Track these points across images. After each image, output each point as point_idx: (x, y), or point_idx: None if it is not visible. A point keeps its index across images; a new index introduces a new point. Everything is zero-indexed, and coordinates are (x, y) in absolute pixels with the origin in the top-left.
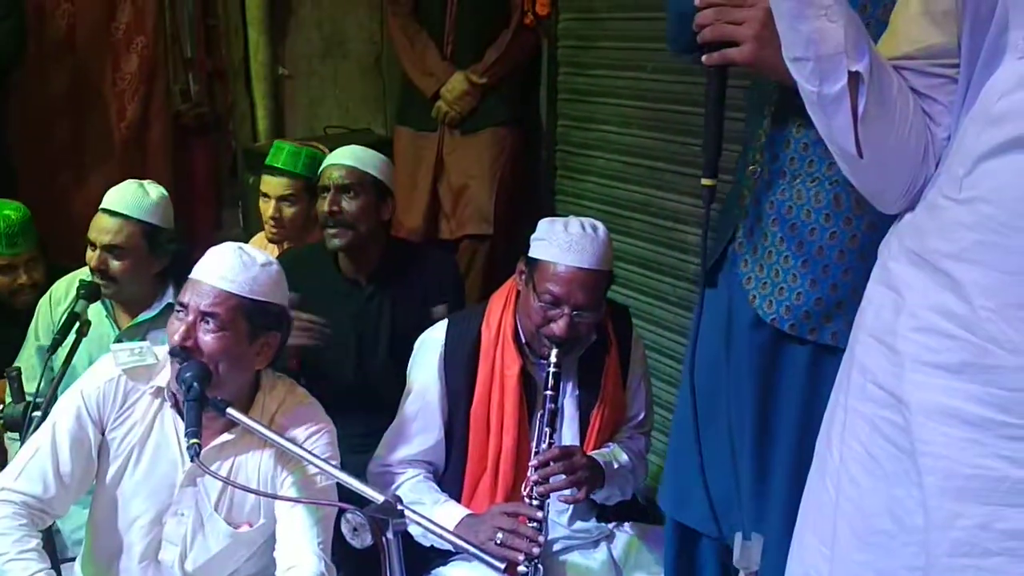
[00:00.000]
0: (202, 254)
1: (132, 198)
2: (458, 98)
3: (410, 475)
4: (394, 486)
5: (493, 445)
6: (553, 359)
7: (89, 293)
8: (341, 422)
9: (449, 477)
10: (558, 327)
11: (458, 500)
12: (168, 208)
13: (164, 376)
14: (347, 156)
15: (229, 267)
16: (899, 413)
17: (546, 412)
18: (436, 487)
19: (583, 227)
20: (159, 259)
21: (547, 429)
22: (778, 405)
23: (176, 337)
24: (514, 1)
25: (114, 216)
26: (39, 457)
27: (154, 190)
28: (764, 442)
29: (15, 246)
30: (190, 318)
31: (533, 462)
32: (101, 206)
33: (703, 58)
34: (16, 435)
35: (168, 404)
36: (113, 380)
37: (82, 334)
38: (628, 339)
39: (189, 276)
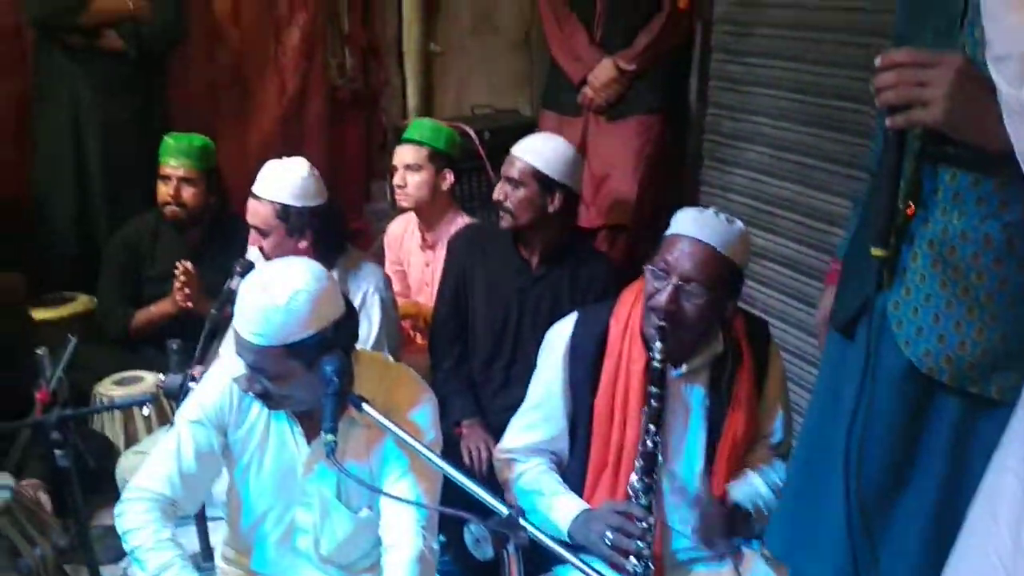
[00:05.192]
0: (352, 222)
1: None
2: (605, 85)
3: (533, 464)
4: (516, 474)
5: (615, 439)
6: (658, 353)
7: (245, 271)
8: (490, 391)
9: (572, 470)
10: (662, 297)
11: (580, 493)
12: (308, 185)
13: None
14: (523, 149)
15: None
16: None
17: (650, 410)
18: (558, 478)
19: (716, 213)
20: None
21: (651, 427)
22: (919, 460)
23: None
24: None
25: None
26: (166, 460)
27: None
28: (897, 498)
29: (177, 159)
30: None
31: (638, 464)
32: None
33: (886, 121)
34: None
35: None
36: (227, 386)
37: None
38: (765, 353)
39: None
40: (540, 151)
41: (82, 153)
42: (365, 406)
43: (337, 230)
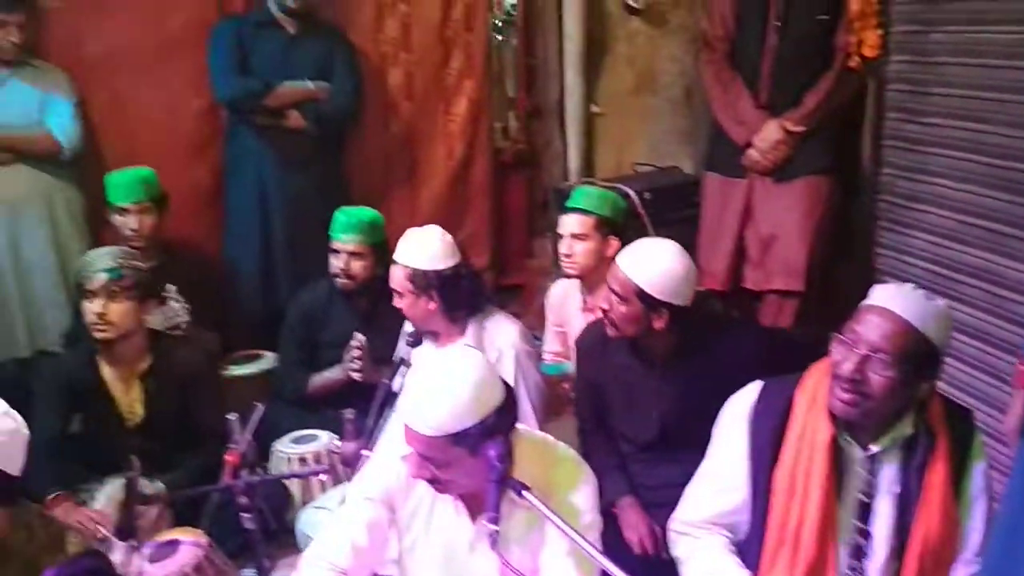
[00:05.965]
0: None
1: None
2: (772, 147)
3: (709, 542)
4: (689, 553)
5: (795, 514)
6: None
7: (415, 340)
8: (642, 468)
9: (748, 544)
10: (847, 366)
11: (754, 570)
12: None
13: None
14: (628, 262)
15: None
16: None
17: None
18: (735, 560)
19: (914, 288)
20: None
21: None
22: None
23: None
24: (837, 43)
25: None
26: (339, 532)
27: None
28: None
29: (347, 234)
30: None
31: None
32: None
33: None
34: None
35: None
36: (396, 463)
37: None
38: (967, 445)
39: None
40: (645, 268)
41: (268, 222)
42: (526, 493)
43: (466, 291)
